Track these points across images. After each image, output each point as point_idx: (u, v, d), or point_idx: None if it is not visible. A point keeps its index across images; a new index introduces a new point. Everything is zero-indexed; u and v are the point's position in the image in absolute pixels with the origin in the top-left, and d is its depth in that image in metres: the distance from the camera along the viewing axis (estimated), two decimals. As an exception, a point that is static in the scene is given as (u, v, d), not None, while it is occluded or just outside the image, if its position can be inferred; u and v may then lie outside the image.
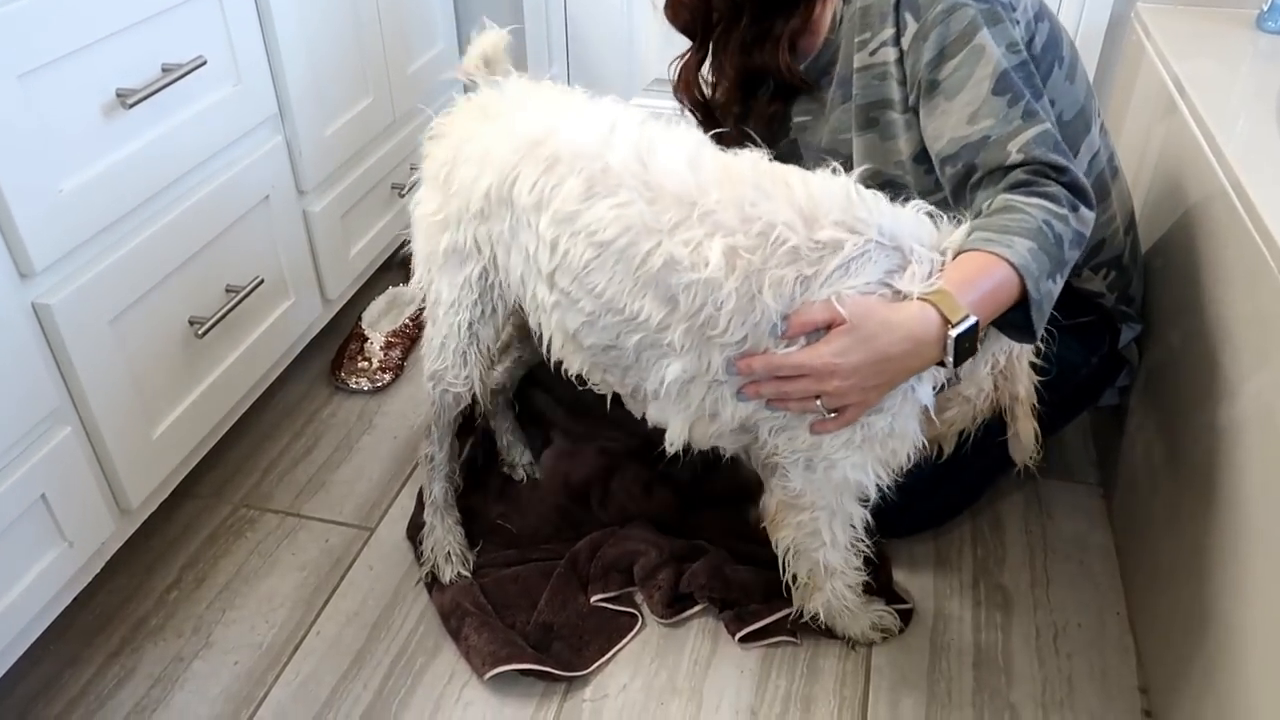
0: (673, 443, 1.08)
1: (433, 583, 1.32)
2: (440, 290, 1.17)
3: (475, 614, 1.24)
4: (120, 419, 1.21)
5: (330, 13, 1.54)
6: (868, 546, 1.19)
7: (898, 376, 0.96)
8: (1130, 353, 1.35)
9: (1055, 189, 1.00)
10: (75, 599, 1.23)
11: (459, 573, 1.31)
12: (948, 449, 1.15)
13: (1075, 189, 1.02)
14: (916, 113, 1.11)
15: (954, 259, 0.98)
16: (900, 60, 1.10)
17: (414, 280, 1.22)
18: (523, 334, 1.38)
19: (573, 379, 1.14)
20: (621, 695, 1.20)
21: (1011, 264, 0.93)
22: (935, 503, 1.36)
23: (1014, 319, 0.98)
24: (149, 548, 1.40)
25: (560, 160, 1.00)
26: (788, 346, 0.96)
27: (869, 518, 1.14)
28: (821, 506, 1.10)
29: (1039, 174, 1.01)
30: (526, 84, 1.15)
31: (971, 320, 0.92)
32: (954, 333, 0.92)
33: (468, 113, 1.16)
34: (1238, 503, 0.99)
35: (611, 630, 1.26)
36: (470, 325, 1.17)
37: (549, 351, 1.12)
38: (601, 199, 0.97)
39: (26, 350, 1.08)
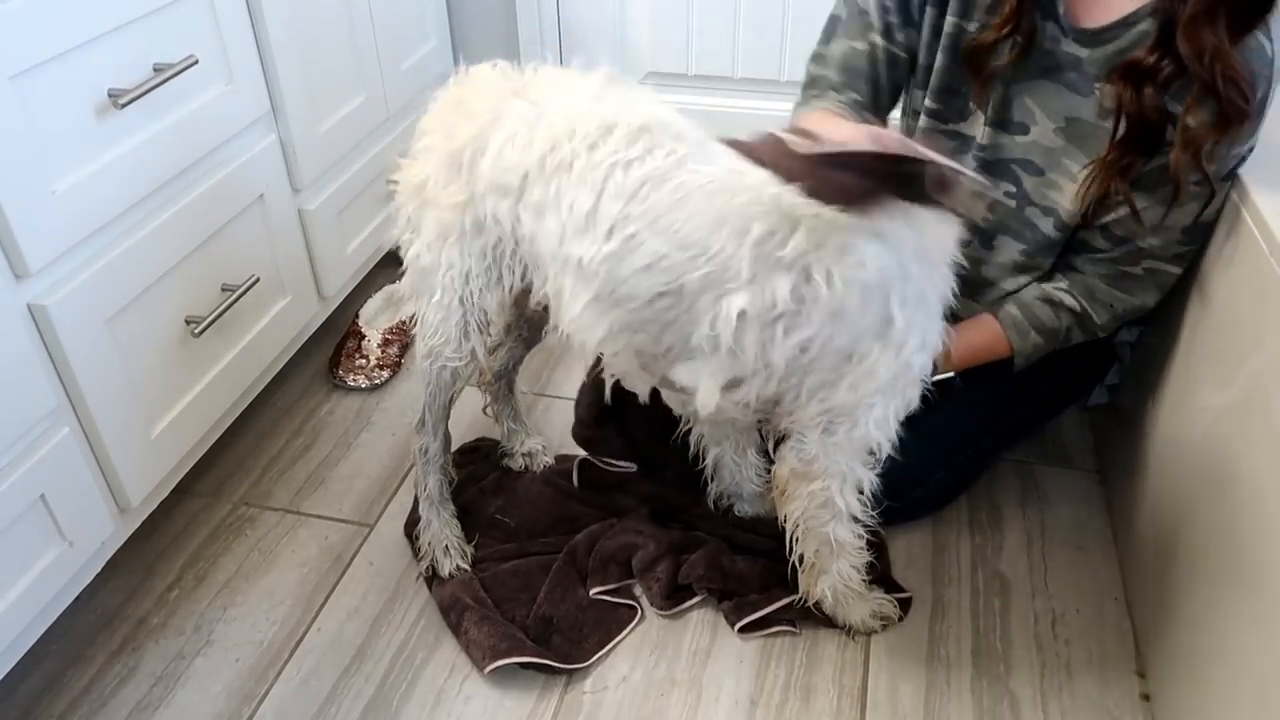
0: (705, 405, 1.05)
1: (432, 577, 1.33)
2: (452, 261, 1.14)
3: (475, 608, 1.25)
4: (118, 418, 1.22)
5: (322, 10, 1.54)
6: (873, 518, 1.17)
7: None
8: (1122, 350, 1.35)
9: (1106, 321, 1.21)
10: (76, 598, 1.24)
11: (457, 565, 1.31)
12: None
13: (1125, 321, 1.22)
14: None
15: (982, 319, 1.23)
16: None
17: (412, 258, 1.18)
18: (522, 314, 1.39)
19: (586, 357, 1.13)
20: (621, 687, 1.20)
21: (1013, 351, 1.22)
22: (930, 488, 1.36)
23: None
24: (149, 547, 1.40)
25: (649, 130, 1.00)
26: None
27: (876, 481, 1.12)
28: (833, 473, 1.09)
29: (1116, 301, 1.19)
30: (557, 71, 1.13)
31: (951, 375, 1.22)
32: (934, 379, 1.07)
33: (495, 91, 1.11)
34: (1234, 485, 0.99)
35: (611, 622, 1.26)
36: (477, 295, 1.16)
37: (564, 324, 1.09)
38: (693, 161, 0.99)
39: (23, 351, 1.08)
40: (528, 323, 1.41)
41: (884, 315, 0.95)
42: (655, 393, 1.16)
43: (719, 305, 0.97)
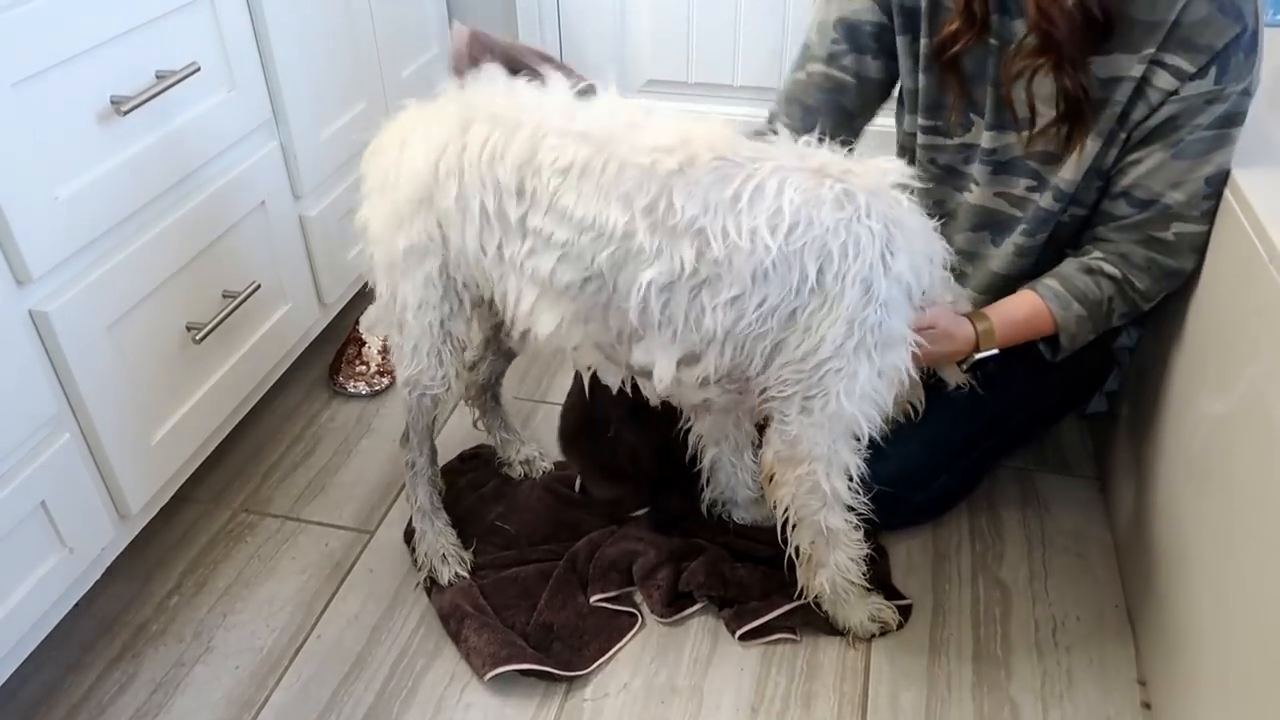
0: (661, 379, 1.06)
1: (432, 586, 1.32)
2: (406, 295, 1.16)
3: (474, 615, 1.25)
4: (119, 425, 1.22)
5: (323, 18, 1.55)
6: (868, 508, 1.17)
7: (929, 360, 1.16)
8: (1121, 355, 1.35)
9: (1149, 285, 1.16)
10: (76, 605, 1.24)
11: (456, 573, 1.31)
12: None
13: (1166, 288, 1.17)
14: (1110, 140, 1.13)
15: (1022, 294, 1.18)
16: (1168, 94, 1.08)
17: (378, 299, 1.20)
18: (498, 330, 1.39)
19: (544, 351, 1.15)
20: (622, 694, 1.20)
21: (1057, 324, 1.18)
22: (931, 493, 1.36)
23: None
24: (149, 553, 1.40)
25: (504, 114, 1.05)
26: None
27: (863, 466, 1.13)
28: (818, 456, 1.09)
29: (1154, 264, 1.15)
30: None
31: (994, 352, 1.17)
32: (977, 355, 1.17)
33: (396, 128, 1.17)
34: (1232, 492, 0.99)
35: (611, 630, 1.26)
36: (441, 323, 1.17)
37: (519, 323, 1.11)
38: (553, 136, 1.02)
39: (25, 358, 1.08)
40: (505, 336, 1.41)
41: (806, 268, 0.97)
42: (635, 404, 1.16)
43: (636, 280, 1.00)
